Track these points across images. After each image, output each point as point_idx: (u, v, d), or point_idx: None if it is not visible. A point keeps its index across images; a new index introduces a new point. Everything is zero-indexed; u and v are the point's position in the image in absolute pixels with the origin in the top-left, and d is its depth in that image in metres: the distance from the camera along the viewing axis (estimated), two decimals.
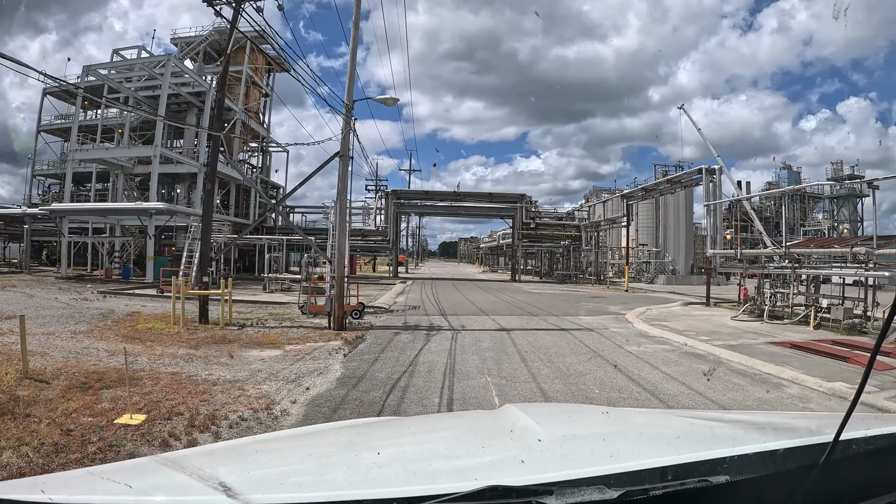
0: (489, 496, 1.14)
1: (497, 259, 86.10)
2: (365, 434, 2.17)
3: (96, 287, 23.89)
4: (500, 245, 71.13)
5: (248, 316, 15.39)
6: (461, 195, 42.50)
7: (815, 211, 69.15)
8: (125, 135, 37.87)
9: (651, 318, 17.24)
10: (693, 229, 48.27)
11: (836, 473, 1.28)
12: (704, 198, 22.69)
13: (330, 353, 10.07)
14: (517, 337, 12.31)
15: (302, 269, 17.88)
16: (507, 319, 15.74)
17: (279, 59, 41.59)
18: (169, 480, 1.41)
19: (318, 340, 11.45)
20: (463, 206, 42.48)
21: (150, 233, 29.95)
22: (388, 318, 15.62)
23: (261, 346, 10.64)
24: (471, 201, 42.70)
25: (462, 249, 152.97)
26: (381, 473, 1.45)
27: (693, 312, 19.58)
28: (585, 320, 16.13)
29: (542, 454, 1.53)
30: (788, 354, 10.87)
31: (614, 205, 44.09)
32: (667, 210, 45.37)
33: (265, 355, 9.64)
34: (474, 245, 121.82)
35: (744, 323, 16.70)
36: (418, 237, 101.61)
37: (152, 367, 8.25)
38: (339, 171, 13.51)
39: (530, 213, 41.92)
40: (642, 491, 1.17)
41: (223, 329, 12.68)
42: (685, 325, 15.37)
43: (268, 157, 49.00)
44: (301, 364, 8.94)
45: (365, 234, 41.57)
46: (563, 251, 45.71)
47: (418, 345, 11.03)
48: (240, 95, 42.15)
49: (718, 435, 1.85)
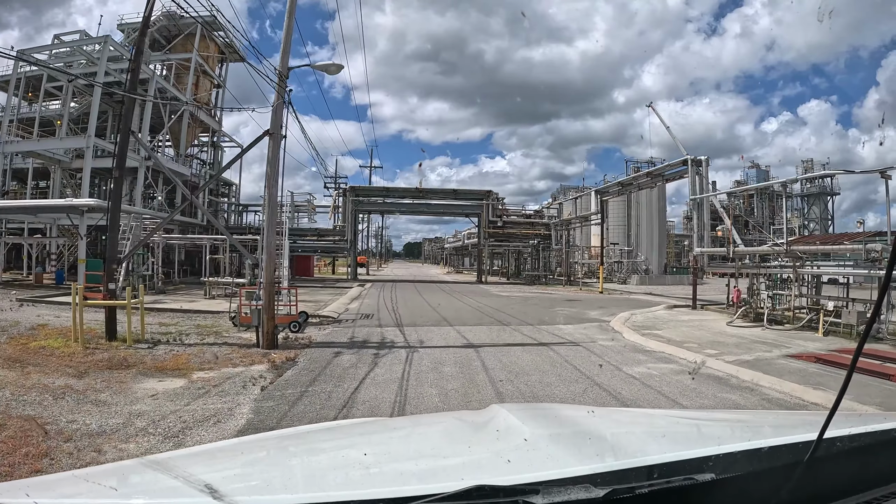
0: (476, 496, 1.11)
1: (462, 260, 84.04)
2: (351, 435, 2.18)
3: (20, 293, 20.59)
4: (466, 245, 68.73)
5: (170, 329, 12.83)
6: (424, 192, 39.78)
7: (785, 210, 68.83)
8: (63, 126, 34.36)
9: (638, 325, 15.05)
10: (666, 228, 46.81)
11: (820, 471, 1.28)
12: (690, 191, 20.66)
13: (245, 384, 7.62)
14: (488, 356, 9.84)
15: (247, 273, 15.20)
16: (474, 331, 13.23)
17: (232, 46, 39.18)
18: (154, 483, 1.40)
19: (239, 364, 8.95)
20: (426, 203, 39.75)
21: (82, 233, 26.63)
22: (334, 331, 12.98)
23: (163, 373, 8.24)
24: (434, 198, 39.96)
25: (426, 250, 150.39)
26: (368, 474, 1.47)
27: (681, 317, 17.48)
28: (566, 330, 13.76)
29: (529, 453, 1.53)
30: (818, 372, 9.01)
31: (583, 203, 42.17)
32: (639, 208, 43.66)
33: (162, 388, 7.30)
34: (439, 245, 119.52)
35: (743, 329, 14.68)
36: (382, 237, 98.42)
37: (7, 407, 6.19)
38: (269, 154, 10.88)
39: (497, 211, 39.46)
40: (628, 489, 1.15)
41: (130, 348, 10.25)
42: (681, 335, 13.22)
43: (220, 153, 45.78)
44: (201, 403, 6.63)
45: (321, 233, 38.70)
46: (531, 251, 43.50)
47: (362, 371, 8.47)
48: (188, 85, 39.15)
49: (704, 434, 1.94)
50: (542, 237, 39.97)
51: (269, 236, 10.32)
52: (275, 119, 10.83)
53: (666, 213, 45.83)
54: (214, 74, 43.08)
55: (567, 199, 46.30)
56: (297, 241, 39.00)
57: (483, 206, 38.74)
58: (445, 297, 24.45)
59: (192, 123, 40.17)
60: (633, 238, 43.88)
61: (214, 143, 44.81)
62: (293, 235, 38.73)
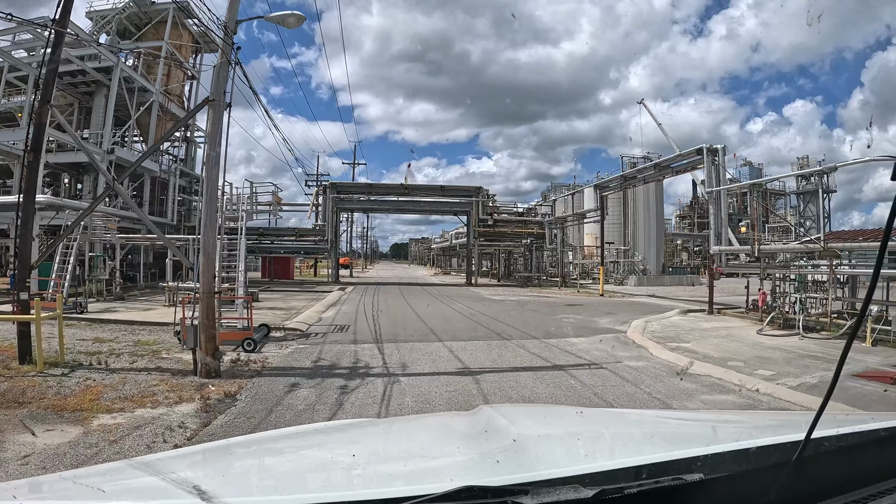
0: (465, 496, 1.10)
1: (449, 260, 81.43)
2: (340, 436, 2.13)
3: None
4: (454, 245, 66.25)
5: (101, 348, 10.44)
6: (410, 189, 37.19)
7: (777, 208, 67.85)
8: (24, 118, 31.70)
9: (660, 336, 12.93)
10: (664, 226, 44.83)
11: (808, 470, 1.28)
12: (707, 183, 18.53)
13: (156, 438, 5.44)
14: (492, 389, 7.52)
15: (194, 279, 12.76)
16: (469, 349, 10.86)
17: (206, 36, 36.96)
18: (143, 484, 1.39)
19: (161, 403, 6.72)
20: (412, 201, 37.26)
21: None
22: (298, 350, 10.56)
23: (59, 416, 6.13)
24: (421, 195, 37.39)
25: (413, 251, 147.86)
26: (357, 475, 1.48)
27: (703, 325, 15.36)
28: (580, 346, 11.51)
29: (518, 454, 1.51)
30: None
31: (575, 201, 40.14)
32: (636, 205, 41.55)
33: (42, 445, 5.21)
34: (425, 246, 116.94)
35: (778, 339, 12.68)
36: (366, 238, 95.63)
37: None
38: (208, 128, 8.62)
39: (488, 209, 37.04)
40: (617, 490, 1.14)
41: (39, 375, 8.13)
42: (715, 348, 11.15)
43: (193, 148, 43.13)
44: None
45: (301, 233, 36.15)
46: (523, 251, 41.22)
47: (321, 416, 6.17)
48: (158, 75, 36.69)
49: (692, 434, 1.92)
50: (535, 236, 37.61)
51: (208, 233, 7.98)
52: (217, 83, 8.51)
53: (664, 211, 43.76)
54: (188, 65, 40.56)
55: (561, 196, 44.15)
56: (275, 241, 36.58)
57: (473, 204, 36.32)
58: (433, 303, 21.96)
59: (163, 116, 37.55)
60: (630, 237, 41.76)
61: (188, 137, 42.13)
62: (270, 235, 36.29)
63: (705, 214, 74.64)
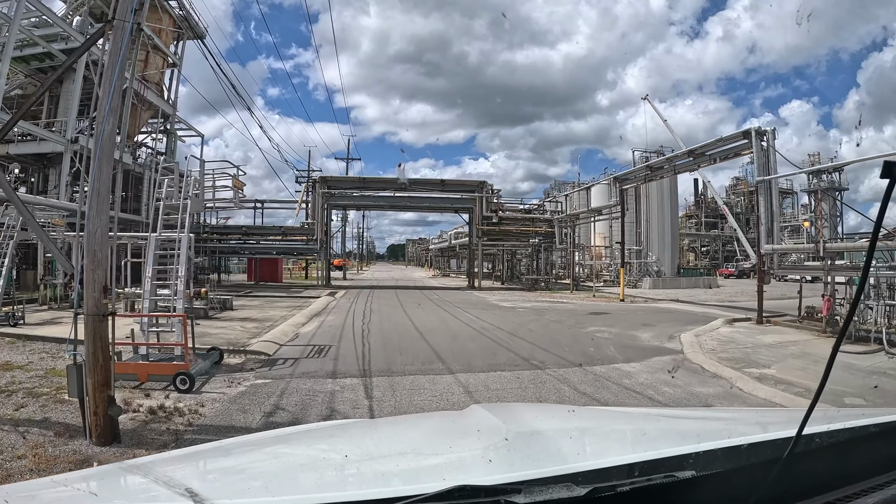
0: (458, 496, 1.08)
1: (448, 262, 78.57)
2: (333, 436, 2.12)
3: None
4: (453, 246, 63.21)
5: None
6: (407, 183, 34.25)
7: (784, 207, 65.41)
8: None
9: (724, 357, 10.28)
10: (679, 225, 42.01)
11: (799, 466, 1.26)
12: (757, 172, 15.69)
13: None
14: None
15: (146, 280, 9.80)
16: (492, 385, 7.82)
17: (188, 21, 34.40)
18: (135, 487, 1.38)
19: None
20: (409, 196, 34.16)
21: None
22: (251, 390, 7.37)
23: None
24: (419, 191, 34.13)
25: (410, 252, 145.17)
26: (350, 474, 1.45)
27: (762, 339, 12.61)
28: (638, 376, 8.59)
29: (510, 453, 1.51)
30: None
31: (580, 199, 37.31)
32: (649, 203, 38.67)
33: None
34: (423, 247, 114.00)
35: (863, 358, 10.26)
36: (362, 238, 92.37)
37: None
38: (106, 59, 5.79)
39: (492, 205, 34.01)
40: (610, 487, 1.12)
41: None
42: (804, 375, 8.62)
43: (173, 140, 40.14)
44: None
45: (287, 232, 33.12)
46: (529, 251, 38.23)
47: None
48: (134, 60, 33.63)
49: (684, 431, 1.89)
50: (543, 235, 34.54)
51: (94, 220, 5.07)
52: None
53: (678, 209, 40.85)
54: (168, 51, 37.63)
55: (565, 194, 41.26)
56: (260, 241, 33.59)
57: (476, 200, 33.22)
58: (435, 312, 18.78)
59: (139, 105, 34.59)
60: (644, 236, 38.86)
61: (167, 129, 39.14)
62: (254, 234, 33.31)
63: (712, 214, 72.23)
